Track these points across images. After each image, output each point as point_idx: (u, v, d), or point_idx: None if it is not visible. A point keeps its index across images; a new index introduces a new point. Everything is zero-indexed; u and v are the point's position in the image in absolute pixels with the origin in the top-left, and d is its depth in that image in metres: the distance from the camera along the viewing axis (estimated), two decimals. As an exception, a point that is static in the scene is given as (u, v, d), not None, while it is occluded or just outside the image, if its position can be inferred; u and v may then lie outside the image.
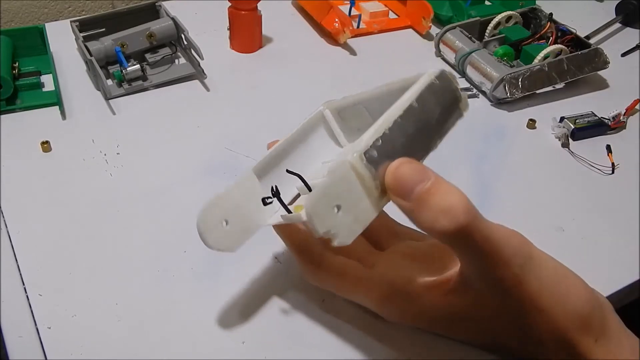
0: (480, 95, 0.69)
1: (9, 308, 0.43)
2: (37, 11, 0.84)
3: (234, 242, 0.37)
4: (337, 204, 0.27)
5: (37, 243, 0.48)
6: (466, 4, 0.79)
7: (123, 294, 0.45)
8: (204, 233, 0.35)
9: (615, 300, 0.48)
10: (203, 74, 0.67)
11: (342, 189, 0.28)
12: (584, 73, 0.68)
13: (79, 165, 0.55)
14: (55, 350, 0.41)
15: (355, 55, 0.74)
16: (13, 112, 0.61)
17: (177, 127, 0.61)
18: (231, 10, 0.70)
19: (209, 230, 0.35)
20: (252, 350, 0.42)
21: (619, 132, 0.64)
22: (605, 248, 0.51)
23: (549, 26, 0.72)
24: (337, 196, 0.28)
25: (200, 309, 0.44)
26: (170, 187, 0.54)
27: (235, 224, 0.37)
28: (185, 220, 0.51)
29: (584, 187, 0.57)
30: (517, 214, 0.54)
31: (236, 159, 0.57)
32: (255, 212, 0.38)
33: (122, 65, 0.64)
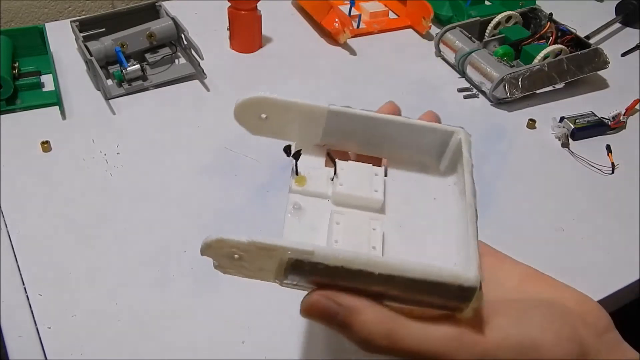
0: (480, 95, 0.69)
1: (9, 308, 0.43)
2: (37, 11, 0.84)
3: (258, 129, 0.34)
4: (238, 256, 0.26)
5: (37, 243, 0.48)
6: (466, 4, 0.79)
7: (123, 294, 0.45)
8: (237, 107, 0.33)
9: (615, 301, 0.48)
10: (203, 74, 0.67)
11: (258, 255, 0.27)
12: (584, 73, 0.68)
13: (79, 165, 0.55)
14: (55, 350, 0.41)
15: (355, 55, 0.74)
16: (13, 112, 0.61)
17: (177, 127, 0.61)
18: (231, 10, 0.70)
19: (243, 112, 0.33)
20: (252, 350, 0.42)
21: (619, 132, 0.64)
22: (605, 248, 0.51)
23: (549, 26, 0.72)
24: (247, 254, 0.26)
25: (200, 309, 0.44)
26: (170, 187, 0.54)
27: (272, 124, 0.33)
28: (185, 220, 0.51)
29: (584, 187, 0.57)
30: (517, 214, 0.54)
31: (236, 159, 0.57)
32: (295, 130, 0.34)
33: (122, 65, 0.64)
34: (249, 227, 0.51)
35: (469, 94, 0.69)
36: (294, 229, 0.31)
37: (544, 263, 0.35)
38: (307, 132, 0.34)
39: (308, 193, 0.33)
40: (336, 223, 0.31)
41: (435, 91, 0.69)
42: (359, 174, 0.34)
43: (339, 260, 0.26)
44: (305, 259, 0.26)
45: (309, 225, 0.32)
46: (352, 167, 0.34)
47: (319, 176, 0.33)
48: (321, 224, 0.32)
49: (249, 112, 0.32)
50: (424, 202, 0.34)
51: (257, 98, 0.32)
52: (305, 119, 0.33)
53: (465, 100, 0.68)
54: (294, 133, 0.34)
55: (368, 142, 0.35)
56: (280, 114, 0.33)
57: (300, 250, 0.26)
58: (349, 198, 0.33)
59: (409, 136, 0.34)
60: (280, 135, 0.34)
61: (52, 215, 0.50)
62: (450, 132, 0.34)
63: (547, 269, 0.34)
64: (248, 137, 0.35)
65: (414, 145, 0.35)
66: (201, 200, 0.53)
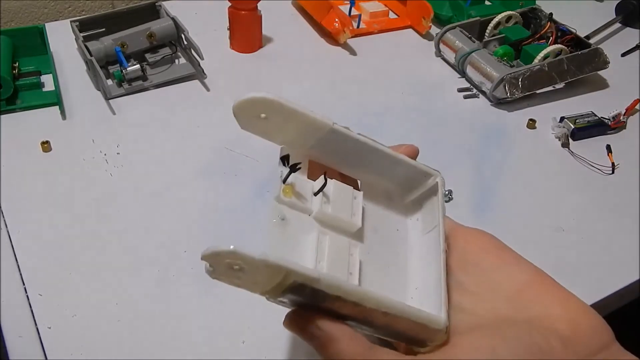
0: (480, 95, 0.69)
1: (9, 308, 0.43)
2: (37, 11, 0.84)
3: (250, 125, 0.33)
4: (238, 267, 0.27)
5: (37, 243, 0.48)
6: (466, 4, 0.79)
7: (123, 294, 0.45)
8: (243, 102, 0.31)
9: (615, 301, 0.48)
10: (203, 74, 0.67)
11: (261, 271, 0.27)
12: (584, 73, 0.68)
13: (79, 165, 0.55)
14: (55, 350, 0.41)
15: (355, 55, 0.74)
16: (13, 112, 0.61)
17: (177, 127, 0.61)
18: (231, 10, 0.70)
19: (245, 106, 0.32)
20: (252, 350, 0.42)
21: (619, 132, 0.64)
22: (605, 248, 0.51)
23: (549, 26, 0.72)
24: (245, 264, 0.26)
25: (200, 309, 0.44)
26: (170, 187, 0.54)
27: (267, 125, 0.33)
28: (185, 220, 0.51)
29: (584, 187, 0.57)
30: (517, 214, 0.54)
31: (236, 159, 0.57)
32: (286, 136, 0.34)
33: (122, 65, 0.64)
34: (248, 227, 0.51)
35: (469, 94, 0.69)
36: (278, 240, 0.31)
37: (544, 263, 0.35)
38: (299, 140, 0.34)
39: (294, 206, 0.33)
40: (320, 243, 0.32)
41: (435, 91, 0.69)
42: (341, 195, 0.34)
43: (340, 291, 0.27)
44: (308, 284, 0.26)
45: (292, 238, 0.32)
46: (336, 188, 0.34)
47: (303, 188, 0.34)
48: (304, 240, 0.32)
49: (252, 109, 0.32)
50: (388, 232, 0.36)
51: (266, 99, 0.31)
52: (303, 129, 0.33)
53: (465, 100, 0.68)
54: (284, 138, 0.34)
55: (349, 162, 0.35)
56: (281, 119, 0.32)
57: (307, 276, 0.26)
58: (332, 220, 0.33)
59: (387, 167, 0.35)
60: (268, 136, 0.34)
61: (52, 215, 0.50)
62: (428, 174, 0.35)
63: (547, 269, 0.34)
64: (248, 137, 0.35)
65: (388, 174, 0.36)
66: (201, 200, 0.53)
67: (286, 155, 0.34)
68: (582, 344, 0.31)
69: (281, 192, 0.33)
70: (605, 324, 0.32)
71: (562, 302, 0.33)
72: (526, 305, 0.32)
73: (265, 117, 0.32)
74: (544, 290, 0.33)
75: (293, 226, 0.32)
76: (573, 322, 0.32)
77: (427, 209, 0.36)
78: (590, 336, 0.31)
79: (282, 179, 0.33)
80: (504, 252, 0.35)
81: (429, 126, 0.63)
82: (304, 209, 0.33)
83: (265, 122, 0.32)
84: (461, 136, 0.63)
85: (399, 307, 0.29)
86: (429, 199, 0.36)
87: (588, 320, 0.32)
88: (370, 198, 0.36)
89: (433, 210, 0.35)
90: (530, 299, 0.33)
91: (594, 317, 0.32)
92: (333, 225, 0.33)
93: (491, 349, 0.30)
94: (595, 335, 0.32)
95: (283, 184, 0.33)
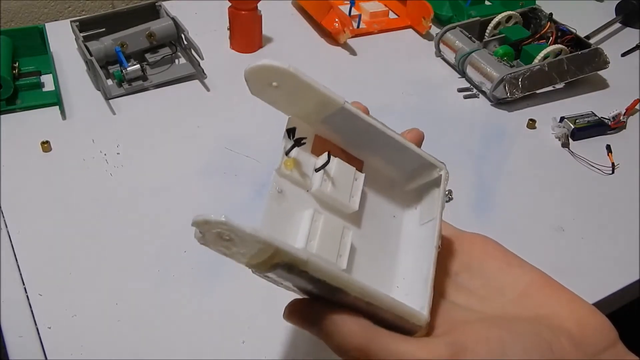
0: (480, 95, 0.69)
1: (9, 308, 0.43)
2: (37, 11, 0.84)
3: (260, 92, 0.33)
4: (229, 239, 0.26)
5: (37, 243, 0.48)
6: (466, 4, 0.79)
7: (123, 294, 0.45)
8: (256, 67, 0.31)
9: (615, 301, 0.48)
10: (203, 74, 0.67)
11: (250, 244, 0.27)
12: (584, 73, 0.68)
13: (79, 165, 0.55)
14: (55, 350, 0.41)
15: (355, 55, 0.74)
16: (13, 112, 0.61)
17: (177, 127, 0.61)
18: (231, 10, 0.70)
19: (258, 72, 0.31)
20: (252, 350, 0.42)
21: (619, 132, 0.64)
22: (605, 248, 0.51)
23: (549, 26, 0.72)
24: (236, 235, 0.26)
25: (200, 309, 0.44)
26: (170, 187, 0.54)
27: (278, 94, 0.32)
28: (185, 220, 0.51)
29: (584, 187, 0.57)
30: (517, 214, 0.54)
31: (236, 159, 0.57)
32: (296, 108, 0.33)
33: (122, 65, 0.64)
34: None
35: (469, 94, 0.69)
36: (273, 212, 0.31)
37: (544, 263, 0.35)
38: (308, 114, 0.33)
39: (293, 180, 0.33)
40: (314, 221, 0.31)
41: (435, 91, 0.69)
42: (343, 175, 0.34)
43: (325, 275, 0.27)
44: (296, 265, 0.26)
45: (287, 212, 0.32)
46: (339, 167, 0.34)
47: (306, 163, 0.33)
48: (298, 215, 0.32)
49: (264, 76, 0.31)
50: (385, 218, 0.35)
51: (280, 69, 0.30)
52: (314, 103, 0.32)
53: (465, 100, 0.68)
54: (294, 110, 0.33)
55: (355, 142, 0.35)
56: (293, 89, 0.31)
57: (296, 257, 0.26)
58: (330, 199, 0.33)
59: (393, 153, 0.35)
60: (277, 106, 0.33)
61: (52, 215, 0.50)
62: (433, 165, 0.35)
63: (547, 269, 0.34)
64: (248, 137, 0.35)
65: (393, 161, 0.35)
66: (201, 200, 0.53)
67: (292, 128, 0.33)
68: (589, 343, 0.31)
69: (282, 165, 0.32)
70: (610, 324, 0.33)
71: (568, 302, 0.33)
72: (533, 306, 0.32)
73: (277, 85, 0.31)
74: (550, 291, 0.33)
75: (290, 200, 0.32)
76: (580, 321, 0.32)
77: (426, 201, 0.36)
78: (596, 335, 0.32)
79: (284, 151, 0.33)
80: (508, 256, 0.35)
81: (429, 126, 0.63)
82: (304, 184, 0.33)
83: (276, 91, 0.32)
84: (461, 136, 0.63)
85: (382, 299, 0.29)
86: (430, 190, 0.36)
87: (594, 320, 0.32)
88: (372, 182, 0.36)
89: (433, 202, 0.35)
90: (536, 300, 0.33)
91: (600, 317, 0.33)
92: (330, 204, 0.33)
93: (500, 341, 0.30)
94: (601, 334, 0.32)
95: (285, 156, 0.32)
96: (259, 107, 0.71)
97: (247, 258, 0.26)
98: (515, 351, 0.29)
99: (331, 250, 0.31)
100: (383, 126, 0.34)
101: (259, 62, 0.30)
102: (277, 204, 0.32)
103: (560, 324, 0.31)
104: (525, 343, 0.30)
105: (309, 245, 0.31)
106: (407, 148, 0.34)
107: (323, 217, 0.32)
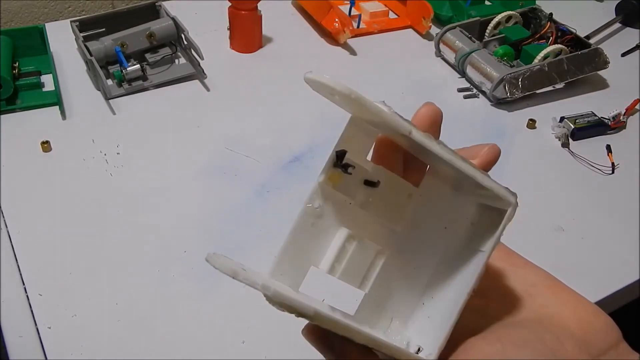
0: (480, 95, 0.69)
1: (9, 308, 0.43)
2: (37, 11, 0.84)
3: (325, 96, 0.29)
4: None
5: (37, 243, 0.48)
6: (466, 4, 0.79)
7: (123, 294, 0.45)
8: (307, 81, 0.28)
9: (615, 300, 0.48)
10: (203, 74, 0.67)
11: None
12: (584, 73, 0.68)
13: (79, 165, 0.55)
14: (55, 350, 0.41)
15: (355, 55, 0.74)
16: (13, 112, 0.61)
17: (177, 127, 0.61)
18: (231, 10, 0.70)
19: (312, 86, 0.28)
20: (252, 350, 0.42)
21: (619, 132, 0.64)
22: (605, 248, 0.51)
23: (549, 26, 0.72)
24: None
25: (200, 309, 0.44)
26: (170, 187, 0.54)
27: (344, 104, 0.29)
28: (185, 220, 0.51)
29: (584, 187, 0.57)
30: (517, 214, 0.54)
31: (236, 159, 0.57)
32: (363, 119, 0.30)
33: (122, 65, 0.64)
34: (248, 226, 0.51)
35: (469, 94, 0.69)
36: (302, 229, 0.29)
37: (544, 263, 0.35)
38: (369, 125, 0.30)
39: (334, 196, 0.29)
40: (347, 242, 0.29)
41: (435, 91, 0.69)
42: (392, 193, 0.30)
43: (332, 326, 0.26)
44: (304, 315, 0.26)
45: (318, 232, 0.29)
46: (391, 182, 0.30)
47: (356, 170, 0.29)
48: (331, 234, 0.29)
49: (322, 89, 0.28)
50: (435, 228, 0.32)
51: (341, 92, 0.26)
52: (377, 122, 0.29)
53: (465, 100, 0.68)
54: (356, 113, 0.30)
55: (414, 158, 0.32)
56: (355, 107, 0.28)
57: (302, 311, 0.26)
58: (370, 223, 0.30)
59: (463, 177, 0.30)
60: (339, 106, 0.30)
61: (52, 215, 0.50)
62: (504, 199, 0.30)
63: (547, 269, 0.34)
64: (248, 137, 0.35)
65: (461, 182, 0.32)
66: (201, 200, 0.53)
67: (343, 151, 0.29)
68: (592, 344, 0.31)
69: (327, 177, 0.28)
70: (614, 324, 0.33)
71: (572, 303, 0.33)
72: (537, 306, 0.32)
73: (339, 99, 0.28)
74: (554, 292, 0.34)
75: (325, 218, 0.29)
76: (583, 321, 0.32)
77: (484, 222, 0.32)
78: (600, 336, 0.32)
79: (332, 163, 0.28)
80: (512, 256, 0.35)
81: (429, 126, 0.63)
82: (347, 195, 0.29)
83: (335, 99, 0.28)
84: (461, 136, 0.63)
85: (389, 348, 0.28)
86: (492, 214, 0.31)
87: (598, 320, 0.32)
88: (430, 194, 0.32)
89: (488, 231, 0.31)
90: (540, 301, 0.33)
91: (604, 317, 0.33)
92: (368, 228, 0.30)
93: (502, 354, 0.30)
94: (605, 334, 0.32)
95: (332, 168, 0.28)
96: (259, 107, 0.72)
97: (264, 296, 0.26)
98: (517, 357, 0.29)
99: (355, 277, 0.29)
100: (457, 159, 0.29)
101: (318, 77, 0.27)
102: (310, 221, 0.29)
103: (563, 325, 0.31)
104: (527, 356, 0.30)
105: (334, 270, 0.29)
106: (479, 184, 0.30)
107: (356, 243, 0.30)
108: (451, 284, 0.31)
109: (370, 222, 0.30)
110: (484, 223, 0.32)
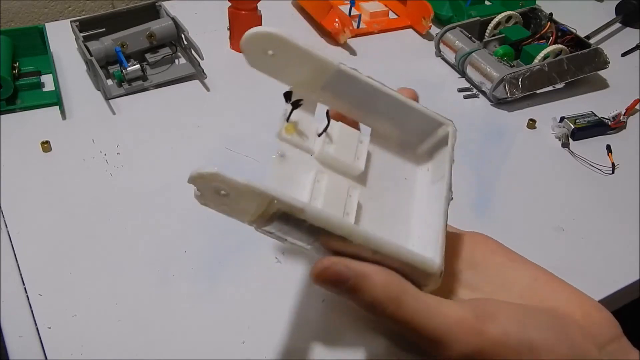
0: (480, 95, 0.69)
1: (9, 308, 0.43)
2: (37, 11, 0.84)
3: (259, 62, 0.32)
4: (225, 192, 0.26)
5: (37, 243, 0.48)
6: (466, 4, 0.79)
7: (123, 294, 0.45)
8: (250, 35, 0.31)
9: (615, 300, 0.48)
10: (203, 74, 0.67)
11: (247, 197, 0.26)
12: (584, 73, 0.68)
13: (79, 165, 0.55)
14: (55, 350, 0.41)
15: (355, 55, 0.74)
16: (13, 112, 0.61)
17: (177, 127, 0.61)
18: (231, 10, 0.70)
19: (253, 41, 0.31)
20: (252, 350, 0.42)
21: (619, 132, 0.64)
22: (605, 248, 0.51)
23: (549, 26, 0.72)
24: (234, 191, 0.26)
25: (200, 309, 0.44)
26: (170, 187, 0.54)
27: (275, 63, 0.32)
28: (185, 220, 0.51)
29: (584, 187, 0.57)
30: (517, 214, 0.54)
31: (236, 159, 0.57)
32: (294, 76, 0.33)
33: (122, 65, 0.64)
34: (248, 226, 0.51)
35: (469, 94, 0.69)
36: (275, 175, 0.31)
37: (544, 263, 0.35)
38: (307, 81, 0.33)
39: (295, 144, 0.32)
40: (317, 181, 0.31)
41: (435, 91, 0.69)
42: (346, 138, 0.33)
43: (325, 223, 0.27)
44: (293, 213, 0.26)
45: (289, 175, 0.32)
46: (341, 130, 0.33)
47: (307, 128, 0.33)
48: (301, 177, 0.32)
49: (259, 44, 0.31)
50: (396, 180, 0.35)
51: (272, 34, 0.30)
52: (311, 70, 0.32)
53: (465, 100, 0.68)
54: (292, 78, 0.33)
55: (359, 108, 0.35)
56: (288, 56, 0.32)
57: (292, 205, 0.26)
58: (333, 161, 0.33)
59: (399, 114, 0.34)
60: (276, 75, 0.33)
61: (52, 216, 0.50)
62: (440, 123, 0.35)
63: (548, 269, 0.34)
64: (248, 137, 0.35)
65: (400, 123, 0.35)
66: (201, 200, 0.53)
67: (289, 91, 0.33)
68: (596, 335, 0.32)
69: (283, 129, 0.32)
70: (614, 319, 0.33)
71: (573, 297, 0.33)
72: (539, 300, 0.33)
73: (273, 54, 0.31)
74: (555, 286, 0.34)
75: (292, 164, 0.32)
76: (585, 314, 0.32)
77: (437, 159, 0.35)
78: (602, 328, 0.32)
79: (285, 117, 0.32)
80: (510, 253, 0.35)
81: (429, 126, 0.63)
82: (306, 148, 0.33)
83: (272, 59, 0.32)
84: (461, 136, 0.62)
85: (389, 246, 0.28)
86: (439, 149, 0.35)
87: (599, 314, 0.33)
88: (382, 145, 0.35)
89: (443, 160, 0.34)
90: (542, 295, 0.33)
91: (605, 312, 0.33)
92: (334, 166, 0.33)
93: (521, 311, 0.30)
94: (607, 327, 0.32)
95: (286, 121, 0.32)
96: (259, 107, 0.72)
97: (246, 214, 0.26)
98: (534, 324, 0.29)
99: (337, 209, 0.30)
100: (382, 85, 0.34)
101: (253, 29, 0.30)
102: (279, 168, 0.31)
103: (570, 316, 0.32)
104: (543, 319, 0.30)
105: (313, 203, 0.30)
106: (410, 107, 0.34)
107: (327, 176, 0.32)
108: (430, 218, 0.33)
109: (333, 163, 0.33)
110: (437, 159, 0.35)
